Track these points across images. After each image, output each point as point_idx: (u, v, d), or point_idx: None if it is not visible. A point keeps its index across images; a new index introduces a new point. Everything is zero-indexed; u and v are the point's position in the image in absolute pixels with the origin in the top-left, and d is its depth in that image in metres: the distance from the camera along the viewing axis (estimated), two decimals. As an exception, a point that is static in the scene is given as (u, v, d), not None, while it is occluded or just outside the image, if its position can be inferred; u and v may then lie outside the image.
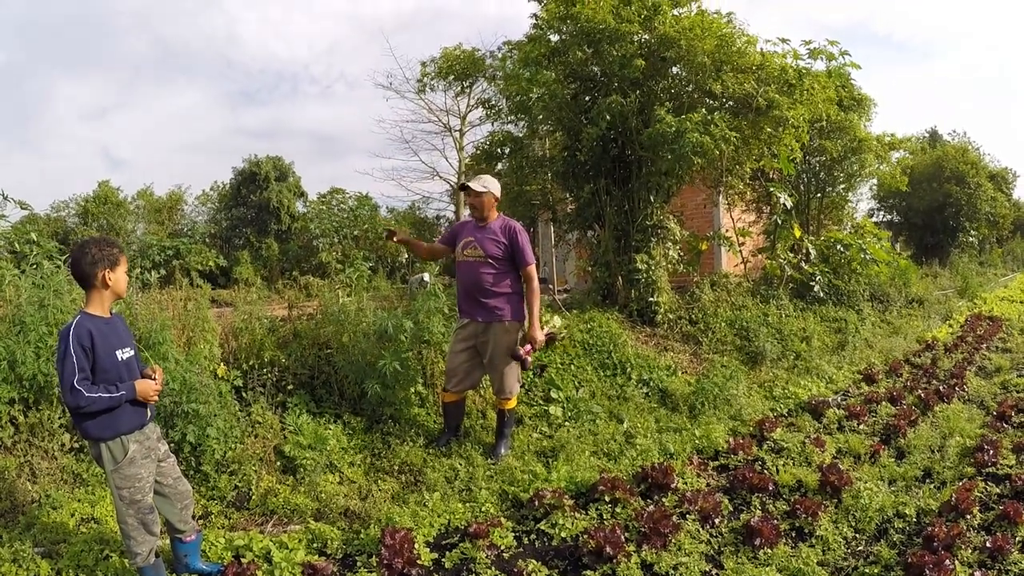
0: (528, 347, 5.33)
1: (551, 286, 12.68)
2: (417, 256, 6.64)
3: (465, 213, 21.09)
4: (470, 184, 5.32)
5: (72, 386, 2.96)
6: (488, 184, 5.35)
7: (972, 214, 26.40)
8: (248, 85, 63.86)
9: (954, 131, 42.02)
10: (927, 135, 38.05)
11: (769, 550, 3.84)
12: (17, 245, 5.95)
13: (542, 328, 5.57)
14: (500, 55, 10.40)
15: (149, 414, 3.31)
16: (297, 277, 7.24)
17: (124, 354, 3.20)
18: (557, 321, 7.18)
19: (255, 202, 23.66)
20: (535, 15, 9.47)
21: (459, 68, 10.78)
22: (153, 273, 5.71)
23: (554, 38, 9.25)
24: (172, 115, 54.39)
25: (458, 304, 5.50)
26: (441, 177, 23.79)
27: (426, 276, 6.85)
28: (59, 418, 4.46)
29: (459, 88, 12.47)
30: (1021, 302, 17.30)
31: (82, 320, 3.09)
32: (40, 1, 66.90)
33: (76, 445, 4.48)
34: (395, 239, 5.57)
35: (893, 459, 5.40)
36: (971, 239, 27.55)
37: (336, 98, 57.26)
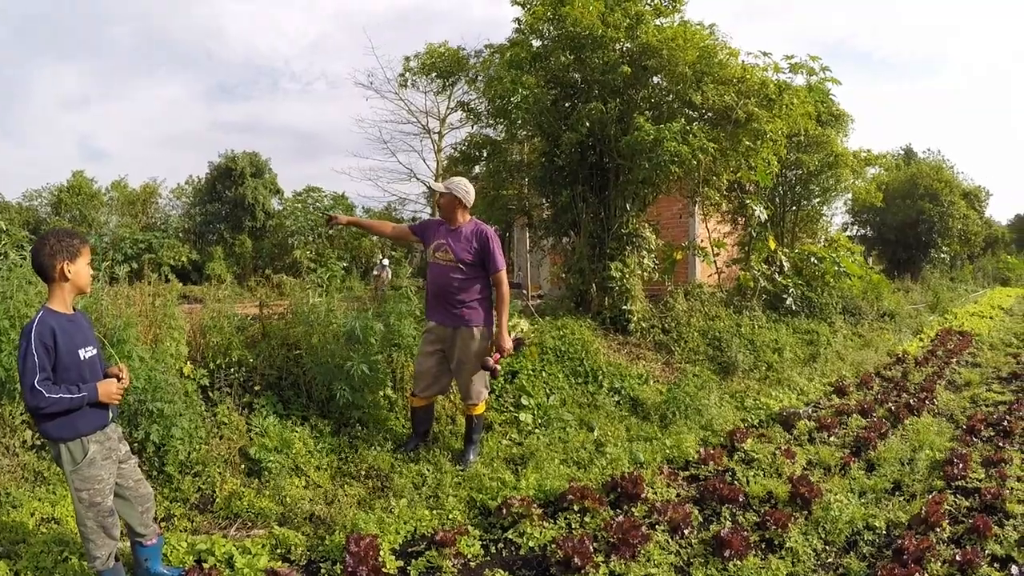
0: (497, 355, 5.23)
1: (524, 291, 12.67)
2: (379, 236, 6.44)
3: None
4: (432, 185, 5.24)
5: (32, 386, 2.86)
6: (452, 186, 5.21)
7: (944, 231, 26.87)
8: (228, 79, 63.54)
9: (929, 149, 42.89)
10: (902, 152, 38.63)
11: (739, 562, 3.83)
12: (-16, 233, 5.79)
13: (510, 334, 5.47)
14: (483, 58, 10.37)
15: (111, 414, 3.22)
16: (270, 275, 7.14)
17: (87, 353, 3.10)
18: (524, 325, 7.07)
19: (230, 198, 23.38)
20: (518, 19, 9.47)
21: (442, 65, 10.72)
22: (124, 267, 5.57)
23: (536, 43, 9.25)
24: (154, 108, 54.09)
25: (427, 305, 5.40)
26: (418, 179, 23.68)
27: (386, 261, 6.74)
28: (20, 414, 4.33)
29: (440, 86, 12.37)
30: (991, 317, 17.56)
31: (44, 317, 2.98)
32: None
33: (38, 442, 4.35)
34: (339, 222, 5.36)
35: (863, 471, 5.42)
36: (943, 255, 28.05)
37: (316, 96, 57.09)
